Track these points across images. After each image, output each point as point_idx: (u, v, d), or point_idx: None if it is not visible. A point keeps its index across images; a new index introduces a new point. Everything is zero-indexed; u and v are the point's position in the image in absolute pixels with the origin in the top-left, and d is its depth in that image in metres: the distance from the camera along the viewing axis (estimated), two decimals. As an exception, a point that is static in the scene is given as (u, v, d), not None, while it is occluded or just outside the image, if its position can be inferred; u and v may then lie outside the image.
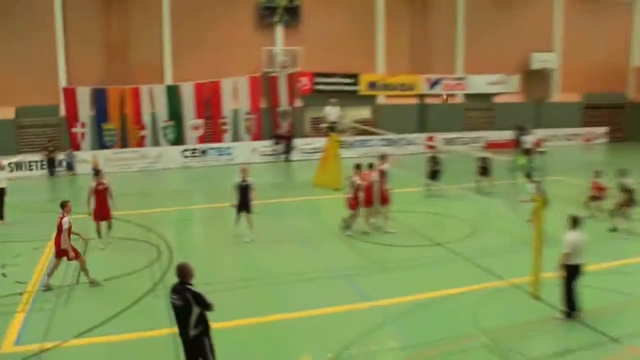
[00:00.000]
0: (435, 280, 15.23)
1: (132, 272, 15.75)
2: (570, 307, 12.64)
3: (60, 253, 14.67)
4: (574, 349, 11.56)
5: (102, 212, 17.73)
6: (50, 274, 14.70)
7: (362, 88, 38.26)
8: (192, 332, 8.83)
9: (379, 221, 20.13)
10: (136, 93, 34.00)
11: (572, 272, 12.51)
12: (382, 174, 20.06)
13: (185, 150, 34.62)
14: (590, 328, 12.32)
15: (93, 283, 14.62)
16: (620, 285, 14.95)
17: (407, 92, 39.53)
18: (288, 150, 36.33)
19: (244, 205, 18.33)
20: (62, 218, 14.62)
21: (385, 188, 19.90)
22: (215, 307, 8.95)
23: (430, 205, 21.73)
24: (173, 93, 34.55)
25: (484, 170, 25.05)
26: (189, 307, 8.75)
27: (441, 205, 22.75)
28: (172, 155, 34.07)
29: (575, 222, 12.66)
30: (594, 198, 21.54)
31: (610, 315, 13.13)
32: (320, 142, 34.41)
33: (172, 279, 13.72)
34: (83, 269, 14.74)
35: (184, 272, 9.00)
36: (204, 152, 34.91)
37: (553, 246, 13.37)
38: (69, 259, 14.76)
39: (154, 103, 34.33)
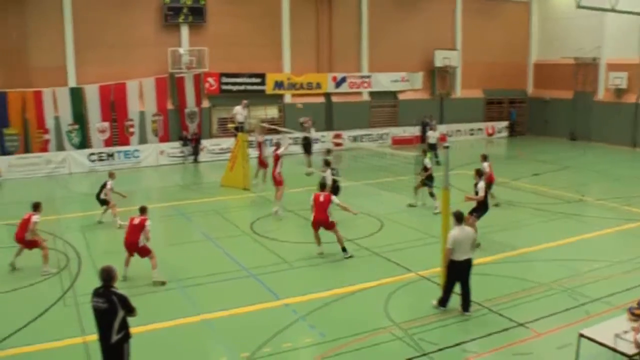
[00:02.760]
0: (346, 276, 15.53)
1: (40, 280, 15.52)
2: (444, 298, 13.13)
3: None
4: (483, 335, 11.97)
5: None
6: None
7: (269, 88, 38.33)
8: (115, 337, 8.67)
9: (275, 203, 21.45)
10: (38, 97, 32.97)
11: (453, 268, 12.86)
12: (277, 158, 21.89)
13: (92, 154, 33.90)
14: (498, 314, 12.87)
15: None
16: (523, 272, 15.62)
17: (313, 91, 39.81)
18: (196, 151, 36.10)
19: None
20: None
21: (278, 172, 21.63)
22: (137, 312, 8.94)
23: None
24: (77, 96, 33.73)
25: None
26: (115, 311, 8.63)
27: (348, 201, 23.13)
28: (77, 159, 33.25)
29: (457, 218, 12.99)
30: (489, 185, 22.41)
31: (516, 302, 13.67)
32: (228, 142, 34.97)
33: (82, 286, 14.08)
34: None
35: (109, 275, 8.87)
36: (110, 155, 34.27)
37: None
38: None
39: (57, 106, 33.37)
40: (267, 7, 38.08)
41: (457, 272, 12.86)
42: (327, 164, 21.42)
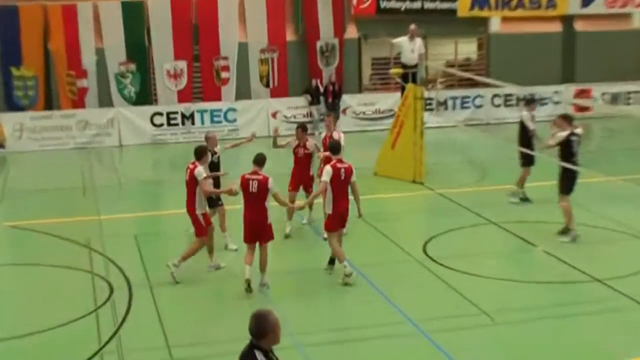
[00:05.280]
0: (585, 345, 9.98)
1: (64, 323, 10.67)
2: None
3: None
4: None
5: None
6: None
7: (463, 8, 27.26)
8: None
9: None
10: (70, 15, 24.18)
11: None
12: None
13: (157, 113, 24.82)
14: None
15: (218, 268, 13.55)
16: None
17: (541, 13, 28.17)
18: (336, 113, 25.75)
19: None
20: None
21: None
22: None
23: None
24: (135, 15, 24.90)
25: None
26: None
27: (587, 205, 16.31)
28: (133, 122, 24.60)
29: None
30: None
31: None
32: (388, 100, 26.06)
33: (131, 337, 10.97)
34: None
35: (259, 329, 5.92)
36: (188, 117, 25.07)
37: None
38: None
39: (101, 32, 24.77)
40: None
41: None
42: (529, 102, 16.87)
